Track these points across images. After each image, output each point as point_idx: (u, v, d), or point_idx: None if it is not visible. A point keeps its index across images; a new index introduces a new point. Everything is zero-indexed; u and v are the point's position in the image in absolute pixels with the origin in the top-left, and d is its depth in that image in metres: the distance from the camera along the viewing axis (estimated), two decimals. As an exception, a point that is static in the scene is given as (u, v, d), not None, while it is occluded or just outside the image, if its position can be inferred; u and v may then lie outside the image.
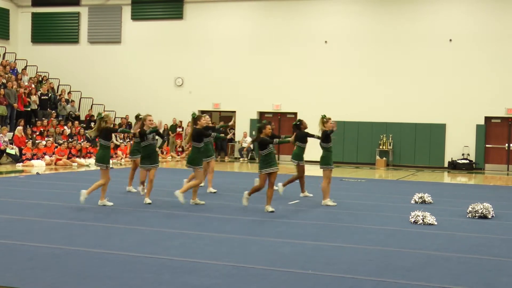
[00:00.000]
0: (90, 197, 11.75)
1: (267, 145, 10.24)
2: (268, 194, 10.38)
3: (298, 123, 12.65)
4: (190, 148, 11.47)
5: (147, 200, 11.04)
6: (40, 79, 27.20)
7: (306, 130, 12.50)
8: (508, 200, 13.69)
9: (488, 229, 9.20)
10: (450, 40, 24.66)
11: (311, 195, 12.72)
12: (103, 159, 10.59)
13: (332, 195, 11.83)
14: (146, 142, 11.13)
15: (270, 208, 10.32)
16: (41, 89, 25.03)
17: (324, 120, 11.61)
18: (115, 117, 27.97)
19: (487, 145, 24.54)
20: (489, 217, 10.26)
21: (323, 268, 6.37)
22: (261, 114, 27.17)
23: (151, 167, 11.13)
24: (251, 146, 26.53)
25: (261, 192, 10.93)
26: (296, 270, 6.25)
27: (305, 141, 12.53)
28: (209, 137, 12.08)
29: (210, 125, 13.24)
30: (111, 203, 10.72)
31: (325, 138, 11.44)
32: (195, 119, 11.08)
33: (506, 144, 24.48)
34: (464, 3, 24.90)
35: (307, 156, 12.79)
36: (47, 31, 30.12)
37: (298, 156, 12.48)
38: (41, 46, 29.98)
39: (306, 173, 12.85)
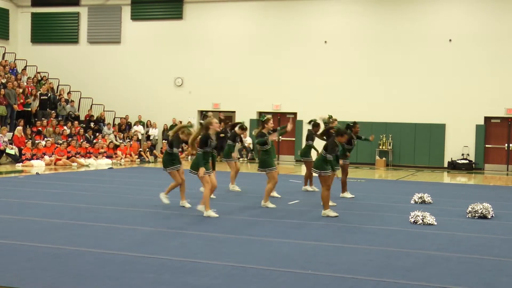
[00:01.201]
0: (92, 197, 11.75)
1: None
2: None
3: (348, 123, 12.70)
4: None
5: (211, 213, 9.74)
6: (40, 79, 27.18)
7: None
8: (508, 200, 13.69)
9: (488, 229, 9.20)
10: (450, 40, 24.66)
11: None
12: (165, 163, 10.71)
13: (332, 195, 11.78)
14: (208, 149, 9.73)
15: (331, 213, 10.02)
16: (40, 89, 25.02)
17: (330, 120, 11.57)
18: (114, 117, 28.02)
19: (486, 145, 24.54)
20: (489, 217, 10.26)
21: (323, 268, 6.37)
22: (261, 114, 27.10)
23: (209, 172, 9.88)
24: (251, 146, 26.49)
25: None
26: (296, 270, 6.24)
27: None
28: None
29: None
30: (189, 205, 10.58)
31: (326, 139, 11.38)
32: (264, 121, 10.98)
33: (506, 144, 24.47)
34: (464, 3, 24.89)
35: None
36: (47, 31, 30.10)
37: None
38: (41, 46, 29.97)
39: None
